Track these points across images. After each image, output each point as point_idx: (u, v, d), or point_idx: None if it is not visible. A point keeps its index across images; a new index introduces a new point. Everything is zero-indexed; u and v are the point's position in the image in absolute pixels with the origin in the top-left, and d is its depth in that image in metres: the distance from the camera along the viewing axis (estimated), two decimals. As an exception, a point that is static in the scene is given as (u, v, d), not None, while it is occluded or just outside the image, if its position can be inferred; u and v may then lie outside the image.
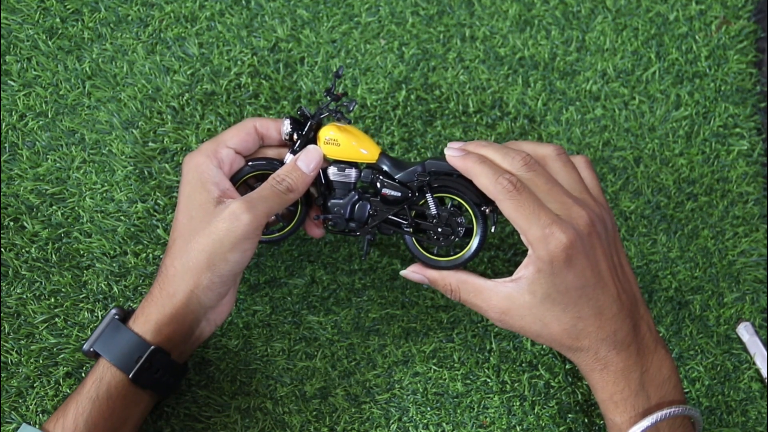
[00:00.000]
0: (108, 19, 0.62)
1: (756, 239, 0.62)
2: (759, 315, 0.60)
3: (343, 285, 0.58)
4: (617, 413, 0.47)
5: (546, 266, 0.45)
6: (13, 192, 0.58)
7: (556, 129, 0.63)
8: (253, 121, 0.52)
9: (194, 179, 0.49)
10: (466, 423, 0.55)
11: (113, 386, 0.46)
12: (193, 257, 0.47)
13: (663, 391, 0.47)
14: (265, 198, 0.48)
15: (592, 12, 0.66)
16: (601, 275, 0.47)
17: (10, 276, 0.56)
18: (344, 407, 0.55)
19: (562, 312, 0.46)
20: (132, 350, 0.47)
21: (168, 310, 0.48)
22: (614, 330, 0.47)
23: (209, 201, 0.48)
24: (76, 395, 0.46)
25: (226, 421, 0.54)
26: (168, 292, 0.48)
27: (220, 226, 0.47)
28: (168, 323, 0.48)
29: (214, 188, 0.49)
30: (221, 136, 0.51)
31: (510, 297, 0.47)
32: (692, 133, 0.64)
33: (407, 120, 0.62)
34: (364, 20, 0.64)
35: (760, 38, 0.66)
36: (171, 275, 0.48)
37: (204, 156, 0.50)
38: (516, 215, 0.46)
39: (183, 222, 0.49)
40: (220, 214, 0.47)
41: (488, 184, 0.47)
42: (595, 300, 0.46)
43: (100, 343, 0.48)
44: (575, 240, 0.45)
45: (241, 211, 0.47)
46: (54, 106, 0.60)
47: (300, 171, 0.50)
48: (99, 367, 0.47)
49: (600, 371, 0.48)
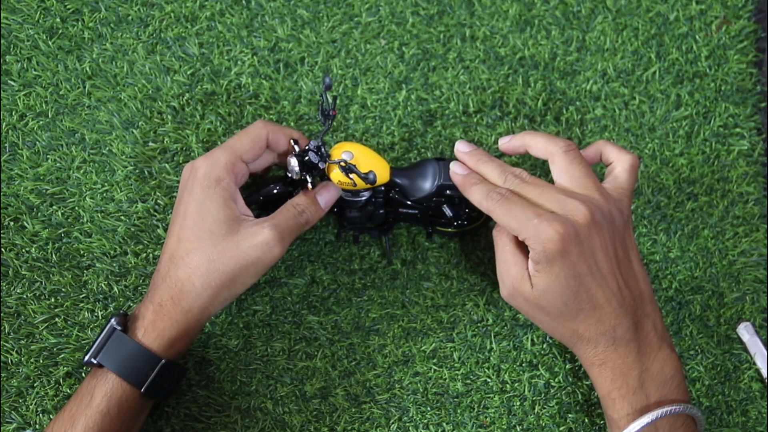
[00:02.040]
0: (108, 19, 0.62)
1: (756, 239, 0.62)
2: (759, 315, 0.60)
3: (344, 285, 0.58)
4: (615, 410, 0.48)
5: (542, 259, 0.46)
6: (13, 192, 0.58)
7: (557, 129, 0.63)
8: (265, 130, 0.51)
9: (215, 194, 0.48)
10: (466, 423, 0.55)
11: (124, 401, 0.46)
12: (216, 277, 0.47)
13: (664, 390, 0.47)
14: (291, 230, 0.49)
15: (592, 12, 0.66)
16: (598, 267, 0.47)
17: (10, 276, 0.56)
18: (344, 407, 0.55)
19: (563, 304, 0.47)
20: (143, 364, 0.46)
21: (182, 325, 0.47)
22: (613, 325, 0.47)
23: (232, 219, 0.48)
24: (83, 408, 0.45)
25: (226, 421, 0.54)
26: (183, 308, 0.47)
27: (251, 253, 0.47)
28: (181, 338, 0.48)
29: (236, 206, 0.48)
30: (236, 147, 0.50)
31: (522, 277, 0.48)
32: (692, 133, 0.64)
33: (407, 120, 0.62)
34: (364, 20, 0.64)
35: (761, 38, 0.66)
36: (188, 291, 0.47)
37: (224, 171, 0.48)
38: (507, 218, 0.47)
39: (198, 234, 0.48)
40: (250, 239, 0.47)
41: (481, 199, 0.49)
42: (593, 292, 0.47)
43: (106, 357, 0.46)
44: (568, 231, 0.45)
45: (275, 243, 0.48)
46: (54, 106, 0.60)
47: (318, 206, 0.51)
48: (106, 380, 0.46)
49: (599, 366, 0.48)
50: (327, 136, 0.61)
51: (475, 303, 0.58)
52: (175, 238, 0.48)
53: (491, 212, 0.48)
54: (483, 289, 0.59)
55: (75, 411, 0.46)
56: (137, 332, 0.47)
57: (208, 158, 0.49)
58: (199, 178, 0.48)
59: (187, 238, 0.48)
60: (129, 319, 0.48)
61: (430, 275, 0.59)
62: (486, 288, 0.59)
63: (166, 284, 0.48)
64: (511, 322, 0.58)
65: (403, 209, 0.55)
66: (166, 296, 0.47)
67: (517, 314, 0.58)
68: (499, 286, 0.51)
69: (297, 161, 0.50)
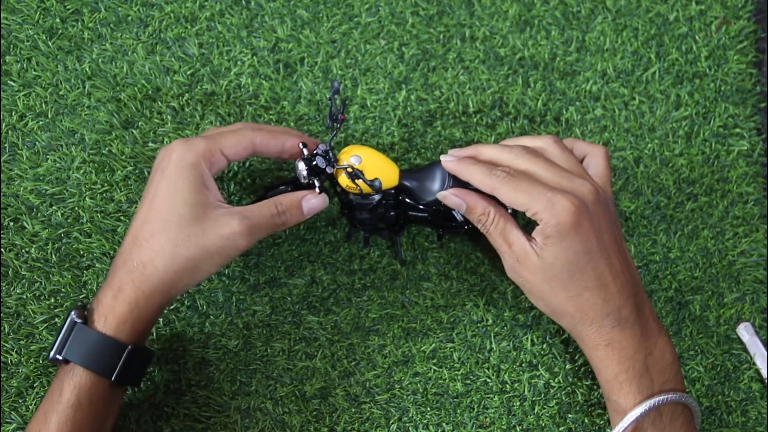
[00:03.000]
0: (108, 20, 0.62)
1: (756, 239, 0.62)
2: (759, 315, 0.60)
3: (343, 285, 0.58)
4: (621, 394, 0.47)
5: (553, 231, 0.45)
6: (13, 192, 0.58)
7: (556, 129, 0.63)
8: (253, 136, 0.50)
9: (187, 177, 0.47)
10: (466, 423, 0.55)
11: (94, 392, 0.46)
12: (179, 262, 0.46)
13: (665, 376, 0.47)
14: (263, 227, 0.48)
15: (592, 12, 0.66)
16: (605, 245, 0.47)
17: (10, 276, 0.56)
18: (344, 407, 0.55)
19: (570, 279, 0.47)
20: (109, 354, 0.46)
21: (143, 309, 0.46)
22: (618, 306, 0.47)
23: (202, 203, 0.47)
24: (54, 404, 0.45)
25: (226, 422, 0.54)
26: (144, 291, 0.46)
27: (216, 242, 0.46)
28: (143, 321, 0.47)
29: (208, 192, 0.48)
30: (219, 139, 0.49)
31: (528, 252, 0.48)
32: (692, 133, 0.64)
33: (407, 120, 0.62)
34: (364, 20, 0.64)
35: (760, 38, 0.66)
36: (149, 274, 0.46)
37: (200, 157, 0.48)
38: (515, 194, 0.47)
39: (166, 217, 0.47)
40: (217, 228, 0.47)
41: (483, 178, 0.48)
42: (601, 270, 0.47)
43: (71, 351, 0.46)
44: (582, 206, 0.46)
45: (242, 236, 0.47)
46: (54, 106, 0.60)
47: (300, 212, 0.50)
48: (74, 373, 0.45)
49: (605, 348, 0.48)
50: (326, 136, 0.61)
51: (475, 303, 0.58)
52: (140, 219, 0.47)
53: (495, 189, 0.48)
54: (483, 289, 0.59)
55: (47, 408, 0.45)
56: (97, 322, 0.46)
57: (185, 142, 0.48)
58: (174, 160, 0.47)
59: (154, 220, 0.47)
60: (88, 310, 0.47)
61: (429, 275, 0.59)
62: (486, 288, 0.59)
63: (126, 267, 0.47)
64: (511, 322, 0.58)
65: (413, 212, 0.55)
66: (126, 279, 0.46)
67: (517, 314, 0.58)
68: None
69: (305, 165, 0.50)
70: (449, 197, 0.50)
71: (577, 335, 0.49)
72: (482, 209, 0.49)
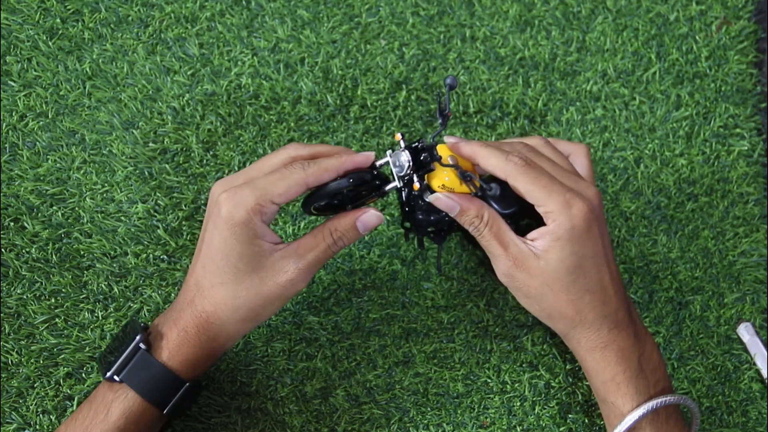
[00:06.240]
0: (108, 20, 0.62)
1: (756, 240, 0.62)
2: (759, 315, 0.60)
3: (344, 285, 0.58)
4: (619, 395, 0.47)
5: (566, 233, 0.45)
6: (13, 192, 0.58)
7: (557, 129, 0.63)
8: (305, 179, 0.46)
9: (239, 234, 0.45)
10: (466, 423, 0.55)
11: (142, 419, 0.46)
12: (241, 313, 0.47)
13: (657, 376, 0.48)
14: (320, 261, 0.48)
15: (592, 12, 0.66)
16: (606, 250, 0.47)
17: (10, 276, 0.56)
18: (345, 408, 0.55)
19: (573, 282, 0.46)
20: (168, 387, 0.46)
21: (207, 351, 0.47)
22: (615, 308, 0.47)
23: (257, 255, 0.46)
24: (99, 422, 0.45)
25: (226, 422, 0.54)
26: (208, 336, 0.47)
27: (275, 290, 0.47)
28: (204, 362, 0.48)
29: (261, 242, 0.46)
30: (268, 189, 0.46)
31: (525, 254, 0.46)
32: (692, 133, 0.64)
33: (407, 120, 0.62)
34: (364, 21, 0.64)
35: (761, 38, 0.66)
36: (213, 323, 0.47)
37: (250, 213, 0.45)
38: (533, 187, 0.45)
39: (223, 269, 0.46)
40: (274, 276, 0.46)
41: (499, 162, 0.46)
42: (603, 273, 0.47)
43: (131, 376, 0.46)
44: (593, 211, 0.46)
45: (300, 280, 0.47)
46: (54, 106, 0.60)
47: (357, 233, 0.49)
48: (127, 397, 0.46)
49: (602, 350, 0.48)
50: (326, 136, 0.61)
51: (476, 304, 0.58)
52: (200, 265, 0.47)
53: (511, 176, 0.46)
54: (483, 289, 0.59)
55: (89, 423, 0.45)
56: (162, 353, 0.46)
57: (233, 196, 0.45)
58: (224, 218, 0.45)
59: (213, 271, 0.47)
60: (151, 335, 0.48)
61: (430, 276, 0.59)
62: (486, 289, 0.59)
63: (191, 311, 0.47)
64: (511, 323, 0.58)
65: None
66: (191, 324, 0.47)
67: (517, 315, 0.58)
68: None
69: (410, 156, 0.46)
70: (441, 199, 0.48)
71: (573, 338, 0.49)
72: (476, 211, 0.47)
